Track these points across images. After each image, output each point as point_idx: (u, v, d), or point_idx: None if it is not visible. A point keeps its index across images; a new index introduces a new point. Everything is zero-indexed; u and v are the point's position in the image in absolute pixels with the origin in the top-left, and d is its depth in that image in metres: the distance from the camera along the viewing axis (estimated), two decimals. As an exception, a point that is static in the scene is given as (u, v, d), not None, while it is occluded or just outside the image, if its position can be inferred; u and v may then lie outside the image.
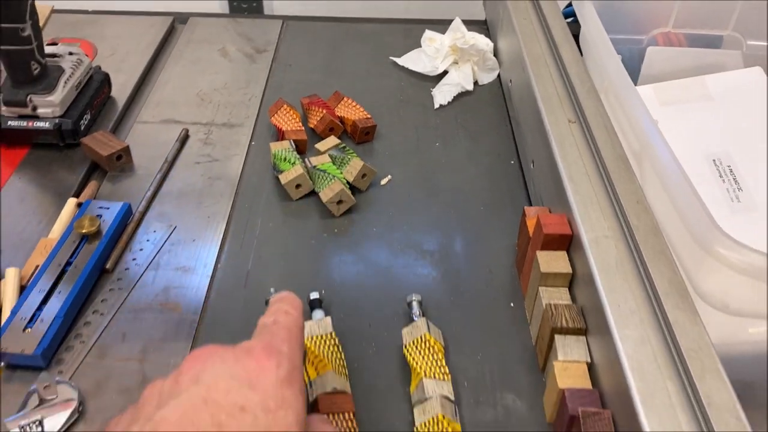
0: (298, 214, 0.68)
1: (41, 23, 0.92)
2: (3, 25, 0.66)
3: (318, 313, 0.55)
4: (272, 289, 0.56)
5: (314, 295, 0.56)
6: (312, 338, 0.52)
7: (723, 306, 0.47)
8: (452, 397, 0.49)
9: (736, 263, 0.44)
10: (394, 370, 0.53)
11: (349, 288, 0.60)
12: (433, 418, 0.47)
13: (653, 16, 0.82)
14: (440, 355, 0.51)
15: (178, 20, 0.99)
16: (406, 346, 0.53)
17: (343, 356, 0.52)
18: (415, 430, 0.48)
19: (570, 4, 0.83)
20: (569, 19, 0.81)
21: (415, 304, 0.56)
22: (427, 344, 0.52)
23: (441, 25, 0.93)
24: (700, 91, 0.76)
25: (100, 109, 0.79)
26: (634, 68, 0.83)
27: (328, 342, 0.51)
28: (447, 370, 0.50)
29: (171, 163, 0.72)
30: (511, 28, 0.82)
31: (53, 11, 0.98)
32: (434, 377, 0.49)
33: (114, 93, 0.83)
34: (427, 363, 0.50)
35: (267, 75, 0.88)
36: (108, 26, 0.96)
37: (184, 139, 0.76)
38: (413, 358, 0.51)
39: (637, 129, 0.58)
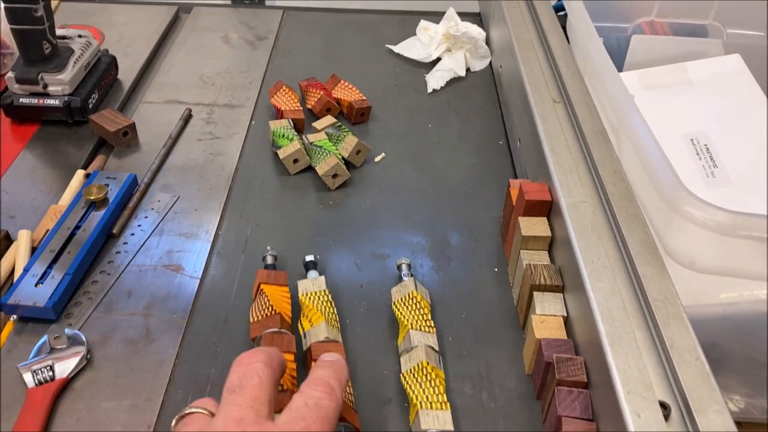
0: (295, 187, 0.71)
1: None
2: (17, 5, 0.70)
3: (312, 274, 0.58)
4: (268, 247, 0.60)
5: (309, 258, 0.59)
6: (306, 294, 0.55)
7: (689, 263, 0.51)
8: (437, 348, 0.52)
9: (701, 220, 0.48)
10: (383, 327, 0.57)
11: (343, 254, 0.63)
12: (418, 365, 0.50)
13: (637, 6, 0.85)
14: (426, 311, 0.54)
15: (183, 10, 1.03)
16: (394, 303, 0.56)
17: (335, 311, 0.55)
18: (401, 376, 0.51)
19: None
20: (559, 13, 0.85)
21: (404, 266, 0.59)
22: (414, 300, 0.55)
23: (437, 17, 0.97)
24: (682, 76, 0.79)
25: (107, 89, 0.83)
26: (620, 56, 0.87)
27: (321, 298, 0.55)
28: (432, 324, 0.54)
29: (175, 140, 0.76)
30: (502, 17, 0.86)
31: (62, 0, 1.02)
32: (420, 329, 0.53)
33: (120, 76, 0.86)
34: (413, 317, 0.54)
35: (267, 60, 0.91)
36: (115, 14, 1.00)
37: (187, 118, 0.79)
38: (401, 313, 0.54)
39: (614, 104, 0.62)
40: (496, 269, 0.62)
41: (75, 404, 0.50)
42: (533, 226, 0.57)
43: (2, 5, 0.71)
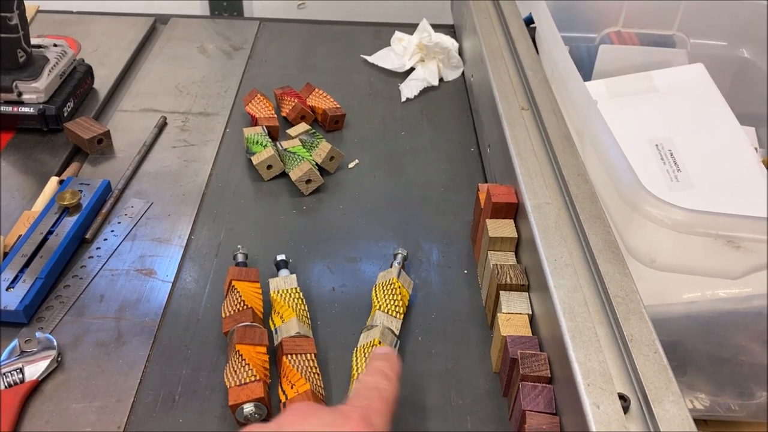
0: (269, 193, 0.72)
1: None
2: (-9, 13, 0.71)
3: (284, 272, 0.59)
4: (239, 246, 0.61)
5: (280, 257, 0.60)
6: (278, 291, 0.56)
7: (650, 261, 0.52)
8: (397, 333, 0.54)
9: (659, 218, 0.49)
10: (354, 328, 0.57)
11: (316, 259, 0.64)
12: (370, 342, 0.51)
13: (605, 16, 0.88)
14: (400, 299, 0.56)
15: (160, 21, 1.04)
16: (375, 286, 0.58)
17: (306, 308, 0.56)
18: (353, 351, 0.52)
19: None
20: (531, 26, 0.87)
21: (399, 256, 0.61)
22: (393, 287, 0.56)
23: (411, 28, 0.98)
24: (647, 84, 0.81)
25: (83, 98, 0.83)
26: (589, 65, 0.89)
27: (293, 295, 0.56)
28: (402, 311, 0.55)
29: (149, 147, 0.76)
30: (474, 28, 0.88)
31: (39, 11, 1.02)
32: (387, 312, 0.54)
33: (96, 85, 0.87)
34: (386, 301, 0.55)
35: (243, 70, 0.92)
36: (92, 25, 1.00)
37: (162, 125, 0.80)
38: (376, 296, 0.56)
39: (578, 109, 0.64)
40: (465, 271, 0.63)
41: (44, 406, 0.50)
42: (500, 228, 0.58)
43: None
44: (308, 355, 0.51)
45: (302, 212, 0.70)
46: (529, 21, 0.88)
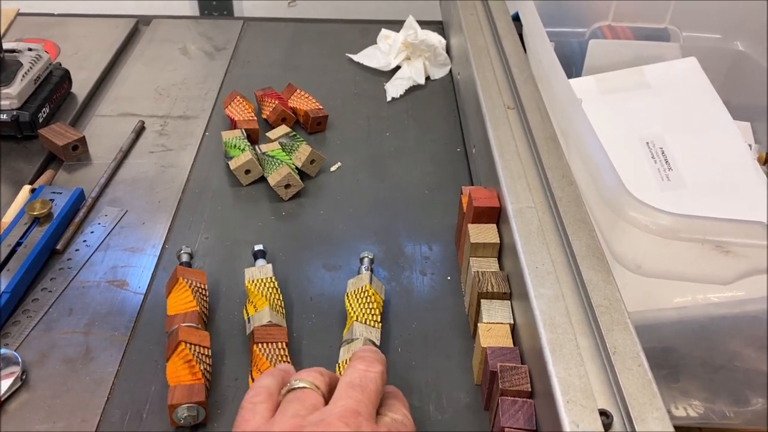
0: (247, 198, 0.70)
1: (6, 25, 0.95)
2: (-40, 18, 0.69)
3: (260, 262, 0.58)
4: (184, 246, 0.60)
5: (258, 247, 0.60)
6: (253, 281, 0.55)
7: (636, 267, 0.50)
8: (378, 343, 0.52)
9: (643, 224, 0.47)
10: (331, 340, 0.55)
11: (293, 267, 0.62)
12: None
13: (595, 10, 0.85)
14: (376, 306, 0.54)
15: (142, 22, 1.02)
16: (347, 294, 0.56)
17: (281, 298, 0.56)
18: (337, 366, 0.50)
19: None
20: (518, 21, 0.84)
21: (366, 260, 0.59)
22: (366, 294, 0.54)
23: (399, 25, 0.96)
24: (638, 79, 0.79)
25: (59, 103, 0.81)
26: (581, 60, 0.86)
27: (267, 285, 0.55)
28: (379, 320, 0.53)
29: (126, 153, 0.74)
30: (460, 24, 0.85)
31: (18, 14, 1.01)
32: (365, 323, 0.52)
33: (75, 89, 0.85)
34: (362, 310, 0.53)
35: (225, 71, 0.90)
36: (73, 28, 0.98)
37: (139, 130, 0.78)
38: (350, 305, 0.54)
39: (561, 107, 0.61)
40: (449, 278, 0.61)
41: (6, 427, 0.48)
42: (482, 233, 0.56)
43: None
44: (279, 344, 0.50)
45: (281, 218, 0.67)
46: (516, 18, 0.85)
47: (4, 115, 0.73)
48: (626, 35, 0.89)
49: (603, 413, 0.40)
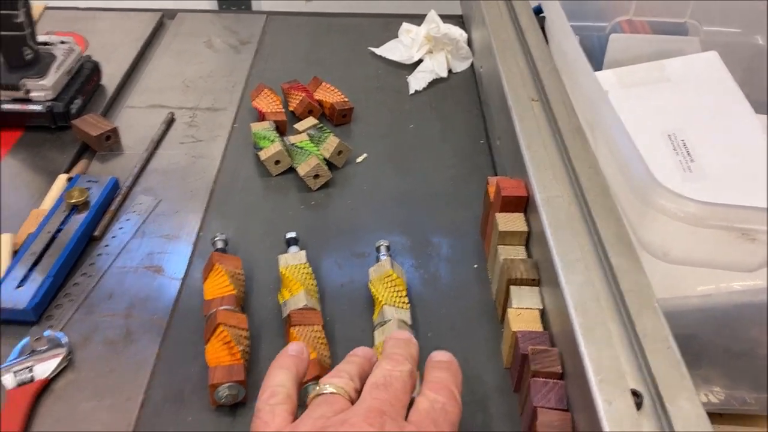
0: (277, 188, 0.71)
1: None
2: (-3, 11, 0.71)
3: (293, 249, 0.61)
4: (218, 233, 0.62)
5: (291, 234, 0.62)
6: (287, 267, 0.57)
7: (663, 254, 0.51)
8: (410, 322, 0.54)
9: (672, 211, 0.48)
10: (364, 324, 0.57)
11: (323, 254, 0.64)
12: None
13: (616, 5, 0.86)
14: (401, 289, 0.56)
15: (167, 16, 1.03)
16: (371, 281, 0.57)
17: (315, 283, 0.58)
18: (374, 348, 0.52)
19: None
20: (540, 15, 0.85)
21: (382, 248, 0.61)
22: (389, 278, 0.56)
23: (420, 19, 0.97)
24: (659, 74, 0.80)
25: (90, 95, 0.83)
26: (600, 54, 0.87)
27: (302, 270, 0.57)
28: (407, 301, 0.55)
29: (157, 144, 0.76)
30: (482, 18, 0.86)
31: (47, 8, 1.02)
32: (394, 305, 0.54)
33: (104, 81, 0.87)
34: (388, 294, 0.55)
35: (250, 64, 0.92)
36: (99, 22, 1.00)
37: (169, 121, 0.79)
38: (377, 290, 0.56)
39: (588, 99, 0.63)
40: (475, 266, 0.63)
41: (55, 405, 0.50)
42: (510, 222, 0.57)
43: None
44: (315, 326, 0.52)
45: (310, 207, 0.69)
46: (538, 11, 0.86)
47: (39, 106, 0.75)
48: (645, 30, 0.90)
49: (634, 393, 0.41)
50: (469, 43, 0.94)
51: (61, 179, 0.69)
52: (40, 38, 0.79)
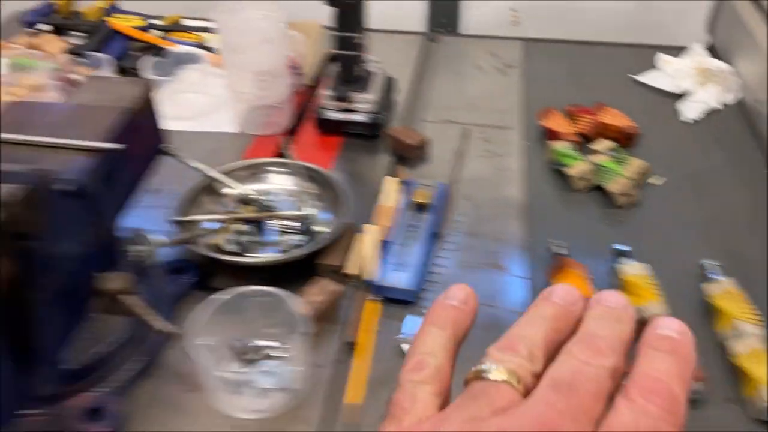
0: (579, 203, 0.78)
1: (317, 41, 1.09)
2: (344, 33, 0.81)
3: (625, 260, 0.67)
4: (556, 240, 0.69)
5: (619, 246, 0.69)
6: (629, 275, 0.65)
7: None
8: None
9: None
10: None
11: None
12: (754, 350, 0.56)
13: None
14: (746, 306, 0.61)
15: (427, 38, 1.13)
16: (711, 296, 0.63)
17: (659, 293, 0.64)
18: (733, 356, 0.57)
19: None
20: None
21: (717, 268, 0.66)
22: (731, 295, 0.62)
23: (669, 50, 1.02)
24: None
25: (392, 109, 0.93)
26: None
27: (644, 280, 0.64)
28: (758, 317, 0.59)
29: (461, 155, 0.85)
30: (754, 49, 0.89)
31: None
32: (747, 320, 0.59)
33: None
34: (737, 309, 0.60)
35: (519, 86, 0.99)
36: (371, 42, 1.11)
37: (466, 136, 0.88)
38: (723, 303, 0.61)
39: None
40: (799, 289, 0.66)
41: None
42: None
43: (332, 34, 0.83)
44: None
45: (616, 223, 0.75)
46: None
47: (363, 117, 0.86)
48: None
49: None
50: (737, 74, 0.97)
51: (392, 181, 0.79)
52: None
